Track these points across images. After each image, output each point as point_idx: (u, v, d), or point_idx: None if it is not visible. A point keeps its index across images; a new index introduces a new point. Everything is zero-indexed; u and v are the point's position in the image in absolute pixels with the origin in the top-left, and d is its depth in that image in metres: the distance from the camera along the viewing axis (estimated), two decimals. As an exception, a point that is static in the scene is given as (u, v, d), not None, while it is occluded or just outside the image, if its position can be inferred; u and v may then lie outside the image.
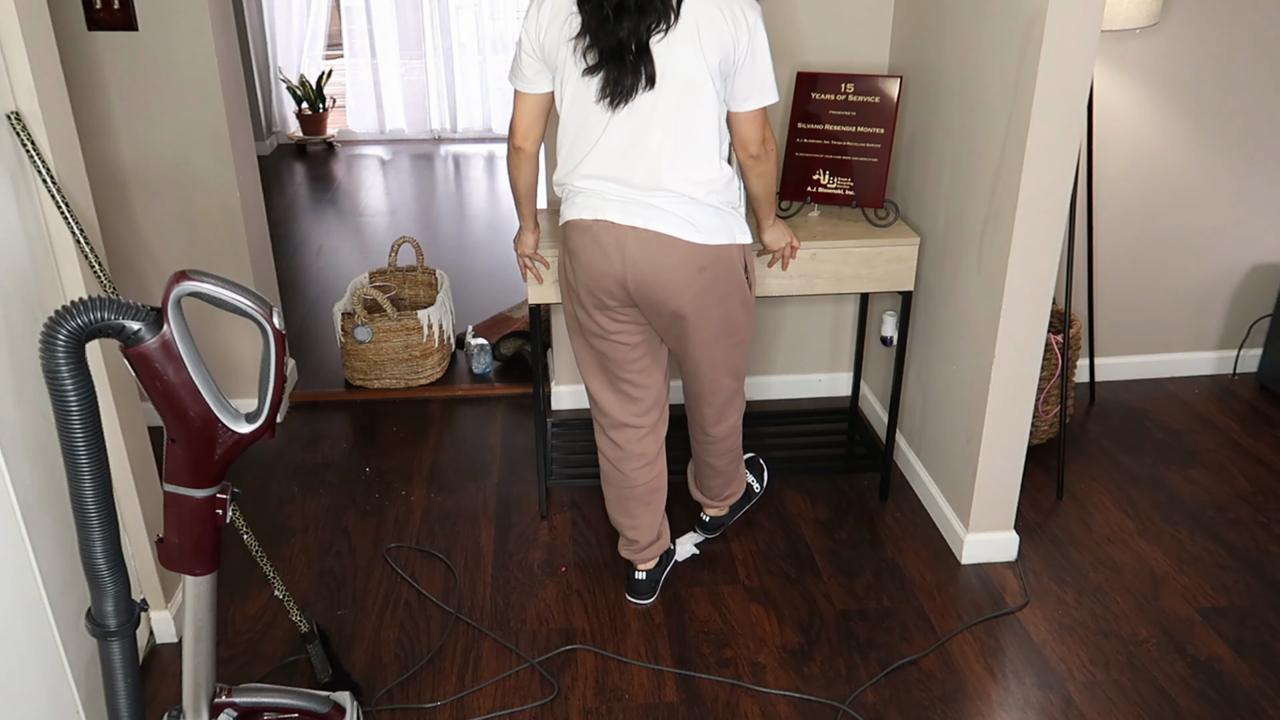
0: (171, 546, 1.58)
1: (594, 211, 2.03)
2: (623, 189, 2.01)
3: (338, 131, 6.93)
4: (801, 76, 2.60)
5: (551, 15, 1.95)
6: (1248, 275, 3.36)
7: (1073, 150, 2.15)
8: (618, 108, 1.95)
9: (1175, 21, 2.95)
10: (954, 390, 2.57)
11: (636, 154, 1.98)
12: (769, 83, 1.99)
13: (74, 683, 1.84)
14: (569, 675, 2.19)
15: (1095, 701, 2.12)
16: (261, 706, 1.80)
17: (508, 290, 4.29)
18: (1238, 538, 2.64)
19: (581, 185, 2.04)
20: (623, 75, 1.92)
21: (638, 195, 2.00)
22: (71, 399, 1.39)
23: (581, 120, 2.01)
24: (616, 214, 2.01)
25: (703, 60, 1.91)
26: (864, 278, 2.51)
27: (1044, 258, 2.24)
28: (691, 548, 2.58)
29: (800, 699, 2.12)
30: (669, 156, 1.98)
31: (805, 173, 2.62)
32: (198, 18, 2.66)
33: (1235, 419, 3.21)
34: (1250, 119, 3.11)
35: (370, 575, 2.50)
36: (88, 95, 2.72)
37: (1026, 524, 2.68)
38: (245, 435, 1.52)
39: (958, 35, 2.44)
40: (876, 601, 2.41)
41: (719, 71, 1.93)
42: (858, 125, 2.55)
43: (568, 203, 2.10)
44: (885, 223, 2.57)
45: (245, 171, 2.96)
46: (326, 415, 3.25)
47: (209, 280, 1.45)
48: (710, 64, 1.92)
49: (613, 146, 1.99)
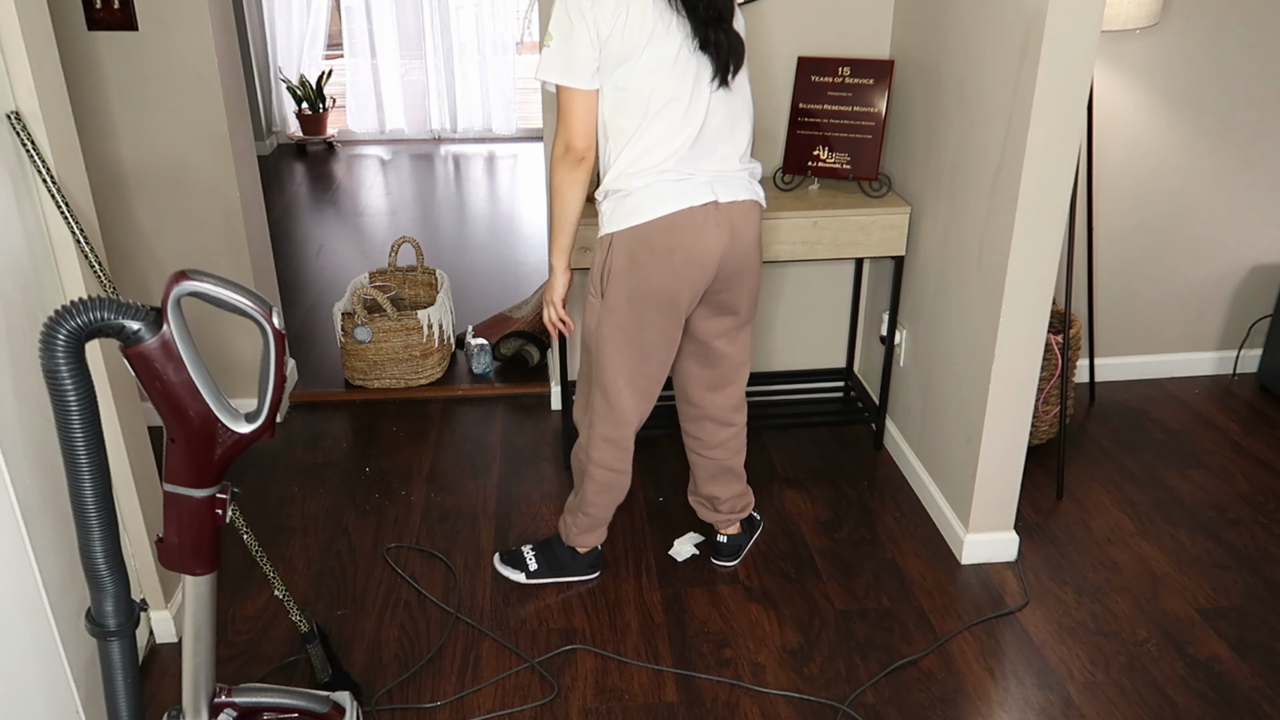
0: (171, 546, 1.58)
1: (696, 197, 1.95)
2: (721, 164, 1.99)
3: (338, 131, 6.93)
4: (802, 61, 2.80)
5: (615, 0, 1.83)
6: (1248, 275, 3.36)
7: (1073, 150, 2.15)
8: (724, 85, 1.94)
9: (1175, 21, 2.95)
10: (954, 390, 2.57)
11: (731, 130, 1.97)
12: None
13: (74, 683, 1.84)
14: (569, 675, 2.19)
15: (1095, 702, 2.12)
16: (261, 706, 1.80)
17: (508, 290, 4.29)
18: (1238, 538, 2.64)
19: (669, 174, 1.94)
20: (731, 48, 1.90)
21: (732, 171, 2.00)
22: (71, 399, 1.39)
23: (680, 105, 1.89)
24: (722, 193, 1.98)
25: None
26: (860, 243, 2.75)
27: (1044, 258, 2.24)
28: (691, 548, 2.58)
29: (800, 699, 2.12)
30: (744, 127, 2.02)
31: (806, 149, 2.83)
32: (198, 18, 2.66)
33: (1235, 419, 3.21)
34: (1250, 119, 3.11)
35: (370, 575, 2.50)
36: (88, 95, 2.72)
37: (1026, 524, 2.68)
38: (245, 435, 1.52)
39: (957, 35, 2.44)
40: (876, 601, 2.41)
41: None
42: (854, 105, 2.78)
43: (639, 199, 1.95)
44: (879, 194, 2.80)
45: (245, 171, 2.96)
46: (326, 415, 3.25)
47: (209, 280, 1.45)
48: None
49: (713, 127, 1.94)
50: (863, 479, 2.90)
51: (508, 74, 6.81)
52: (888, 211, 2.72)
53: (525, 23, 6.81)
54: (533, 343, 3.53)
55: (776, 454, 3.02)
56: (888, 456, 3.01)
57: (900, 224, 2.74)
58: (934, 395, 2.71)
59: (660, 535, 2.64)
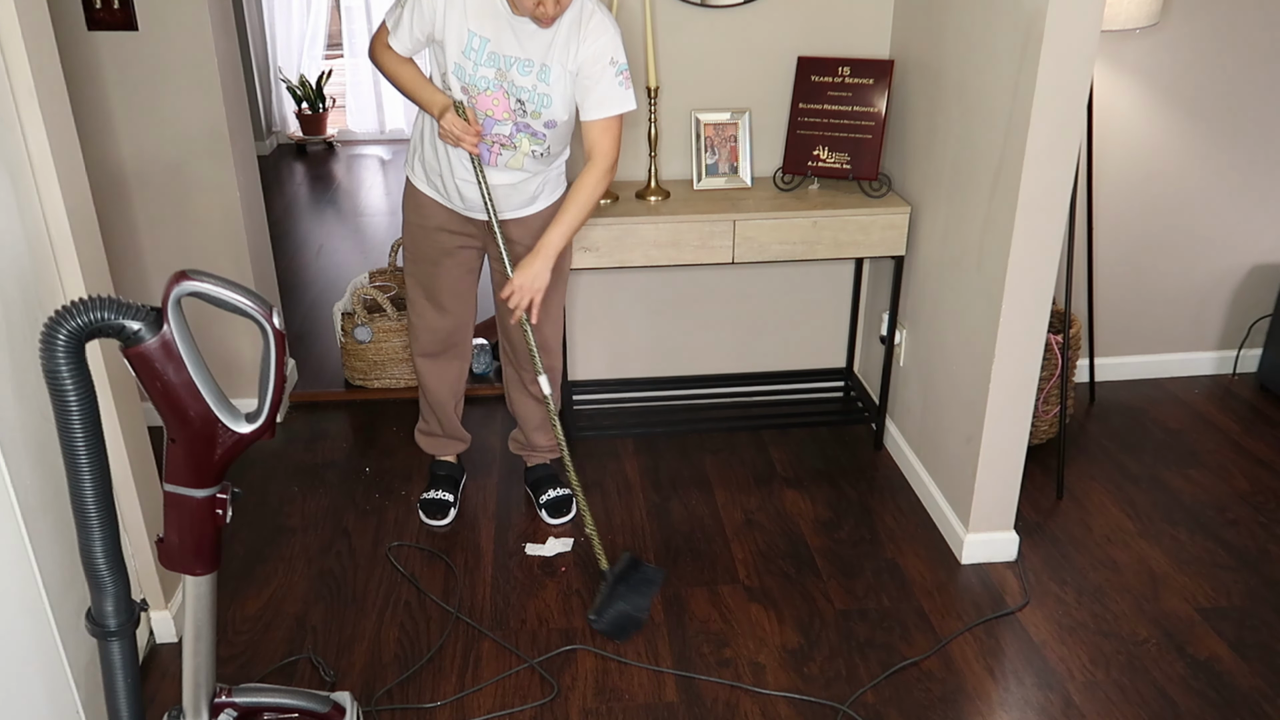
0: (171, 546, 1.58)
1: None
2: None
3: (338, 131, 6.93)
4: (802, 61, 2.82)
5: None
6: (1248, 275, 3.36)
7: (1073, 150, 2.15)
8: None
9: (1175, 21, 2.95)
10: (954, 390, 2.57)
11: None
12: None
13: (74, 683, 1.84)
14: (569, 675, 2.19)
15: (1095, 702, 2.12)
16: (261, 706, 1.80)
17: (508, 290, 4.28)
18: (1238, 538, 2.64)
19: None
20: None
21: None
22: (71, 399, 1.39)
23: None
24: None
25: None
26: (860, 243, 2.75)
27: (1044, 258, 2.24)
28: (560, 546, 2.61)
29: (800, 699, 2.12)
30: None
31: (806, 148, 2.84)
32: (198, 18, 2.66)
33: (1235, 419, 3.21)
34: (1250, 119, 3.11)
35: (370, 575, 2.50)
36: (88, 95, 2.72)
37: (1026, 524, 2.68)
38: (245, 435, 1.52)
39: (957, 35, 2.44)
40: (876, 602, 2.41)
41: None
42: (854, 105, 2.79)
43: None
44: (879, 194, 2.80)
45: (245, 171, 2.96)
46: (326, 415, 3.25)
47: (209, 280, 1.45)
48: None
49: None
50: (863, 479, 2.90)
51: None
52: (888, 211, 2.72)
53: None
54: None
55: (776, 454, 3.02)
56: (888, 456, 3.01)
57: (900, 224, 2.74)
58: (934, 395, 2.71)
59: (660, 535, 2.65)
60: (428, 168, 2.37)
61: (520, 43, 2.13)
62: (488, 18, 2.12)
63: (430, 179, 2.38)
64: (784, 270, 3.16)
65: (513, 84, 2.17)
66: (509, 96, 2.18)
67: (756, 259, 2.73)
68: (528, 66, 2.16)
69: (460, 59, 2.15)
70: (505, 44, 2.13)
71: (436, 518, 2.69)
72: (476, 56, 2.14)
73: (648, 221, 2.66)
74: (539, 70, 2.16)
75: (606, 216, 2.65)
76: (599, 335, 3.19)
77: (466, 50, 2.14)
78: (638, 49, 2.78)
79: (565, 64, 2.17)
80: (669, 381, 3.27)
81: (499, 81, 2.16)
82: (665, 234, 2.67)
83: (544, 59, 2.15)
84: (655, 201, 2.77)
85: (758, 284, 3.17)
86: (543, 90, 2.18)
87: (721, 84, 2.89)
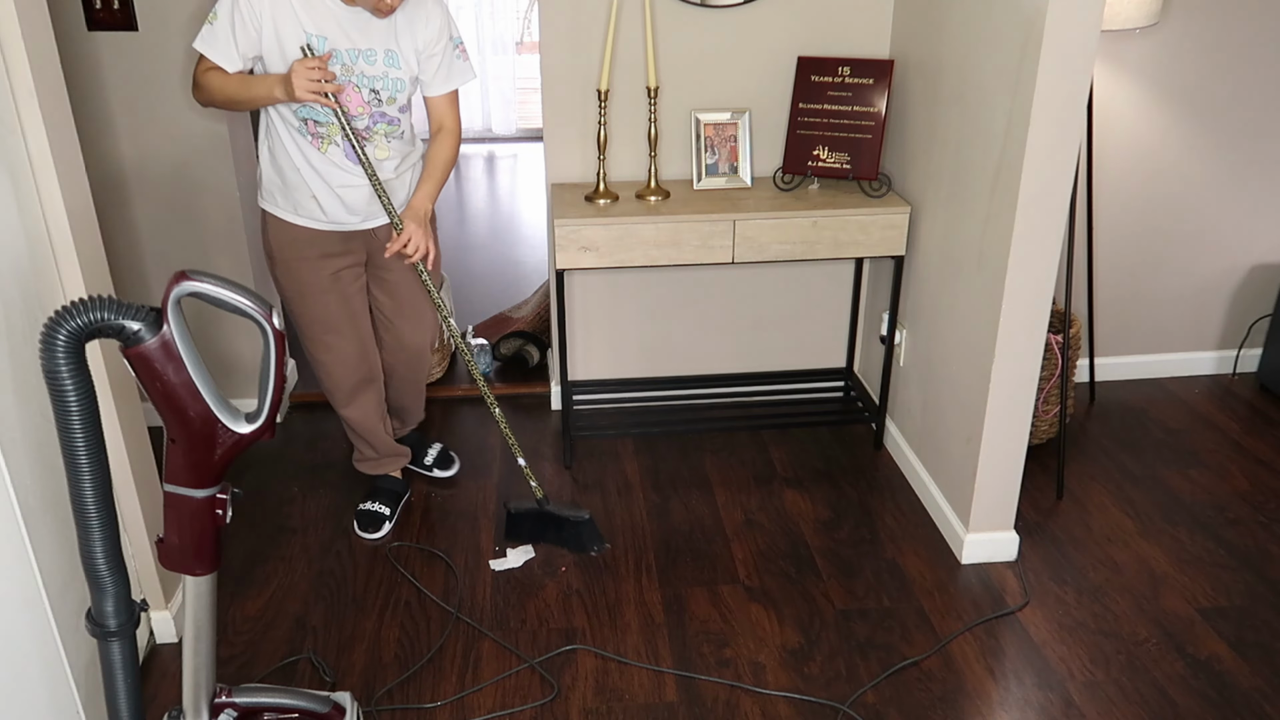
0: (171, 546, 1.58)
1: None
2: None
3: (338, 131, 6.92)
4: (802, 61, 2.82)
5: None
6: (1248, 275, 3.36)
7: (1073, 150, 2.15)
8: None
9: (1175, 21, 2.95)
10: (954, 390, 2.57)
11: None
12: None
13: (74, 683, 1.84)
14: (569, 675, 2.19)
15: (1095, 701, 2.12)
16: (261, 706, 1.80)
17: (507, 290, 4.29)
18: (1238, 538, 2.64)
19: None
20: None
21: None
22: (71, 399, 1.39)
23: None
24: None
25: None
26: (860, 243, 2.75)
27: (1044, 258, 2.24)
28: (524, 555, 2.57)
29: (800, 699, 2.12)
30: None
31: (806, 148, 2.85)
32: (198, 18, 2.66)
33: (1235, 419, 3.21)
34: (1250, 119, 3.11)
35: (370, 575, 2.50)
36: (88, 95, 2.72)
37: (1026, 524, 2.68)
38: (245, 435, 1.53)
39: (957, 35, 2.44)
40: (876, 601, 2.41)
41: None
42: (854, 105, 2.79)
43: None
44: (879, 194, 2.80)
45: (245, 171, 2.96)
46: (326, 415, 3.25)
47: (209, 280, 1.45)
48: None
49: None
50: (863, 479, 2.91)
51: (508, 74, 6.80)
52: (888, 211, 2.72)
53: (525, 23, 6.81)
54: (533, 343, 3.53)
55: (776, 454, 3.02)
56: (888, 456, 3.02)
57: (900, 224, 2.74)
58: (934, 395, 2.71)
59: (660, 535, 2.65)
60: (293, 192, 2.29)
61: (362, 33, 2.15)
62: (320, 16, 2.12)
63: (299, 205, 2.30)
64: (784, 270, 3.16)
65: (363, 75, 2.18)
66: (360, 89, 2.19)
67: (756, 259, 2.73)
68: (373, 55, 2.18)
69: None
70: (346, 38, 2.14)
71: (369, 530, 2.65)
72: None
73: (648, 221, 2.66)
74: (385, 56, 2.19)
75: (606, 216, 2.65)
76: (598, 335, 3.19)
77: (308, 51, 2.12)
78: (638, 49, 2.78)
79: (415, 45, 2.21)
80: (669, 381, 3.27)
81: (346, 76, 2.17)
82: (665, 234, 2.67)
83: (388, 45, 2.18)
84: (655, 201, 2.77)
85: (757, 284, 3.18)
86: (395, 75, 2.21)
87: (721, 84, 2.89)
